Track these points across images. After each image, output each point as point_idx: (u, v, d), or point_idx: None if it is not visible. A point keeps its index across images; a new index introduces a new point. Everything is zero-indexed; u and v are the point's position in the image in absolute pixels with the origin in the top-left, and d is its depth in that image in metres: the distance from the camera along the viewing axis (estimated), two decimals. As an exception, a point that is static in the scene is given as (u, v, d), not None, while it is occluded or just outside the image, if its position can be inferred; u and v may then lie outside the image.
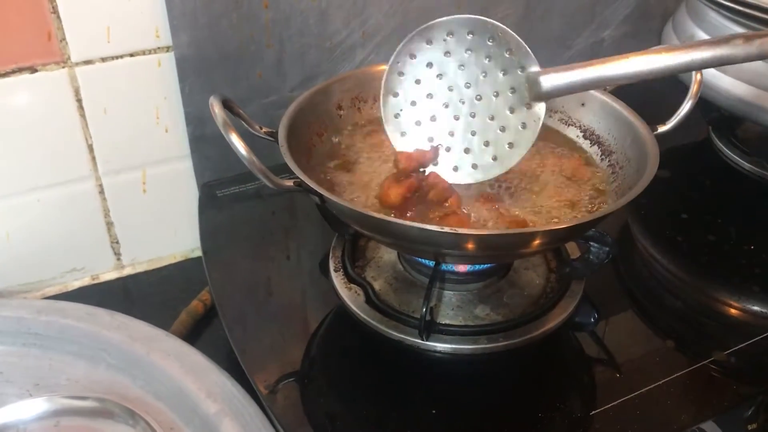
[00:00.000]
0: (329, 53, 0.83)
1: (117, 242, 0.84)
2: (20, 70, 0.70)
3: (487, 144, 0.64)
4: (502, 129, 0.63)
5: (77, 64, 0.72)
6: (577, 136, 0.70)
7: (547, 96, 0.60)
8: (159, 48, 0.75)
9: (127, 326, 0.66)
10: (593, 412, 0.57)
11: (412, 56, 0.63)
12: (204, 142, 0.81)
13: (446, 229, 0.50)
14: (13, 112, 0.71)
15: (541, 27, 0.96)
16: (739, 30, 0.79)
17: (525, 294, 0.66)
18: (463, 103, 0.63)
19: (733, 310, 0.71)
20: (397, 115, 0.65)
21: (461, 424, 0.58)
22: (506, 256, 0.63)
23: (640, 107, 0.66)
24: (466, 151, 0.64)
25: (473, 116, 0.64)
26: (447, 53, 0.63)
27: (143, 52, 0.74)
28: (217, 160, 0.82)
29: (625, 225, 0.82)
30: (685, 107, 0.64)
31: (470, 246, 0.54)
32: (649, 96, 0.56)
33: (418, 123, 0.65)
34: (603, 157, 0.68)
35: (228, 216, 0.81)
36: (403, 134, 0.65)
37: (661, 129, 0.64)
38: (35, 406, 0.58)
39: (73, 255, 0.82)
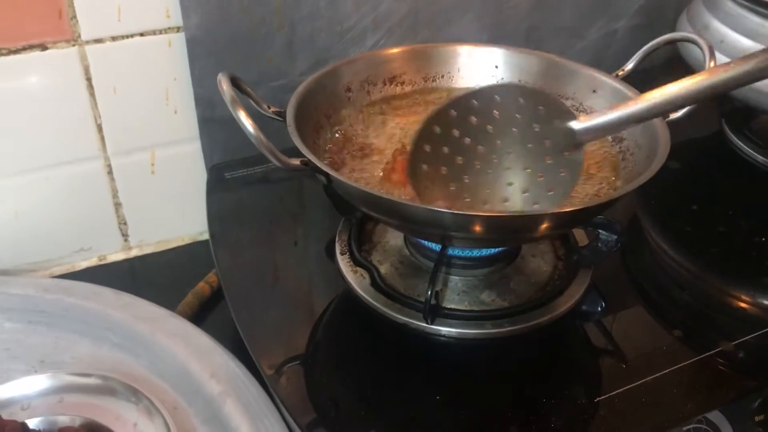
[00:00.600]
0: (340, 38, 0.82)
1: (125, 223, 0.84)
2: (30, 48, 0.69)
3: (525, 191, 0.59)
4: (540, 176, 0.59)
5: (87, 42, 0.71)
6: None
7: (584, 141, 0.58)
8: (169, 28, 0.75)
9: (132, 306, 0.67)
10: (597, 399, 0.57)
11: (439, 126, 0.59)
12: (213, 124, 0.80)
13: (454, 211, 0.50)
14: (23, 90, 0.71)
15: (552, 17, 0.95)
16: (757, 20, 0.78)
17: (532, 281, 0.65)
18: (495, 158, 0.60)
19: (741, 303, 0.70)
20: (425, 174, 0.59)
21: (465, 407, 0.57)
22: (513, 239, 0.62)
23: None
24: (505, 201, 0.60)
25: (508, 169, 0.60)
26: (473, 117, 0.60)
27: (153, 32, 0.74)
28: (226, 142, 0.82)
29: (633, 216, 0.82)
30: (699, 94, 0.63)
31: (477, 228, 0.53)
32: (661, 82, 0.56)
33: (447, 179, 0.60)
34: (613, 143, 0.67)
35: (236, 199, 0.81)
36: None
37: (673, 116, 0.63)
38: (39, 382, 0.59)
39: (80, 235, 0.82)
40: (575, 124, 0.57)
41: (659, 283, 0.73)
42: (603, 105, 0.69)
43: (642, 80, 0.68)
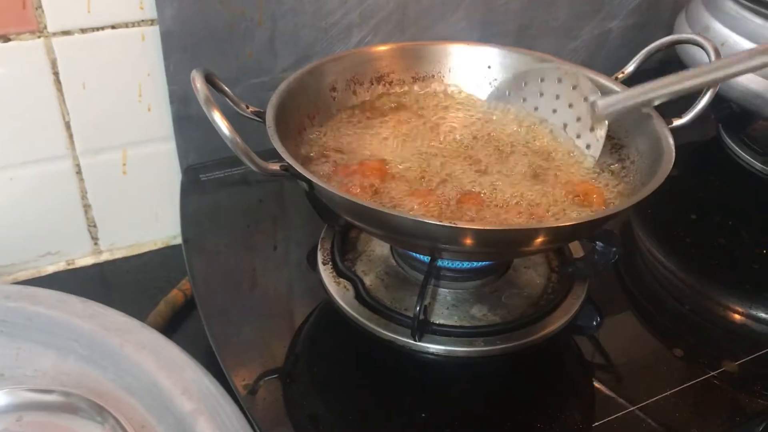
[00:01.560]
0: (324, 33, 0.79)
1: (94, 226, 0.80)
2: (-8, 39, 0.65)
3: None
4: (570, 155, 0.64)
5: (54, 34, 0.68)
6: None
7: (607, 117, 0.63)
8: (143, 21, 0.71)
9: (100, 315, 0.63)
10: (595, 424, 0.54)
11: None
12: (188, 122, 0.77)
13: (444, 223, 0.46)
14: (-16, 84, 0.67)
15: (545, 15, 0.92)
16: (759, 21, 0.75)
17: (524, 294, 0.62)
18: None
19: (744, 318, 0.67)
20: None
21: (453, 431, 0.54)
22: (507, 253, 0.59)
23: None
24: None
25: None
26: (524, 99, 0.68)
27: (126, 25, 0.70)
28: (202, 142, 0.78)
29: (627, 226, 0.79)
30: (704, 98, 0.60)
31: (469, 241, 0.50)
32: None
33: None
34: (612, 151, 0.64)
35: (212, 202, 0.77)
36: None
37: (677, 122, 0.60)
38: None
39: (47, 238, 0.78)
40: (601, 102, 0.63)
41: (657, 297, 0.70)
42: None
43: (640, 82, 0.65)
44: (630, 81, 0.67)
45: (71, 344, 0.61)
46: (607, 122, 0.62)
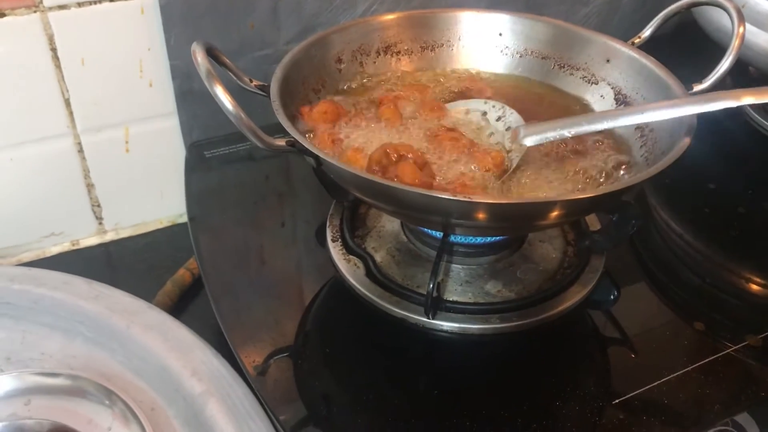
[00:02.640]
0: (329, 3, 0.77)
1: (98, 205, 0.78)
2: (-14, 15, 0.64)
3: None
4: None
5: (51, 8, 0.66)
6: (602, 97, 0.64)
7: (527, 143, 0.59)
8: (142, -7, 0.69)
9: (106, 296, 0.62)
10: (615, 401, 0.52)
11: None
12: (191, 98, 0.75)
13: (457, 197, 0.45)
14: (-20, 62, 0.65)
15: (557, -20, 0.89)
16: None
17: (540, 269, 0.61)
18: None
19: (767, 290, 0.65)
20: None
21: (468, 410, 0.52)
22: (522, 228, 0.57)
23: (673, 64, 0.60)
24: None
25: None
26: None
27: (124, -3, 0.68)
28: (206, 118, 0.77)
29: (641, 196, 0.77)
30: (725, 64, 0.58)
31: (482, 216, 0.48)
32: (682, 51, 0.51)
33: None
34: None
35: (217, 179, 0.76)
36: None
37: (698, 88, 0.58)
38: (4, 383, 0.55)
39: (51, 219, 0.77)
40: (520, 132, 0.59)
41: (675, 270, 0.68)
42: (618, 77, 0.64)
43: (653, 48, 0.63)
44: (646, 46, 0.65)
45: (77, 326, 0.60)
46: (525, 147, 0.58)
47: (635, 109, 0.55)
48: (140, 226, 0.82)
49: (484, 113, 0.62)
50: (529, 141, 0.57)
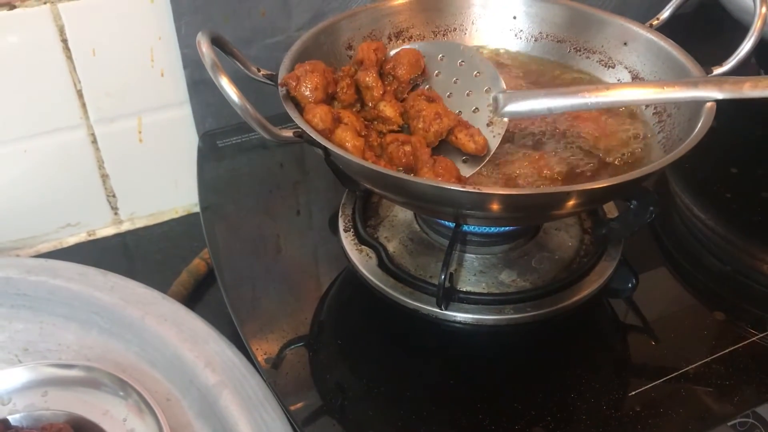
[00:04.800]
0: (340, -12, 0.76)
1: (113, 196, 0.78)
2: (-3, 7, 0.63)
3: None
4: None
5: (60, -1, 0.65)
6: (619, 80, 0.63)
7: (509, 116, 0.57)
8: (151, -18, 0.68)
9: (121, 287, 0.63)
10: (632, 393, 0.51)
11: None
12: (204, 86, 0.74)
13: (467, 188, 0.44)
14: (-8, 55, 0.65)
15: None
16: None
17: (556, 258, 0.60)
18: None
19: (791, 277, 0.64)
20: None
21: (482, 402, 0.52)
22: (537, 217, 0.56)
23: (692, 46, 0.59)
24: None
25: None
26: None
27: (133, -13, 0.68)
28: (219, 106, 0.76)
29: (662, 181, 0.75)
30: (746, 45, 0.56)
31: (496, 207, 0.47)
32: (704, 32, 0.49)
33: None
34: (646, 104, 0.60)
35: (230, 168, 0.75)
36: None
37: (718, 71, 0.56)
38: (21, 375, 0.55)
39: (67, 210, 0.77)
40: (505, 100, 0.56)
41: (697, 256, 0.67)
42: (635, 60, 0.62)
43: (674, 28, 0.61)
44: (666, 26, 0.63)
45: (93, 317, 0.61)
46: (507, 121, 0.57)
47: (641, 85, 0.54)
48: (155, 216, 0.82)
49: (462, 62, 0.60)
50: (511, 112, 0.56)
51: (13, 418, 0.52)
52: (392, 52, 0.60)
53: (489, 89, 0.58)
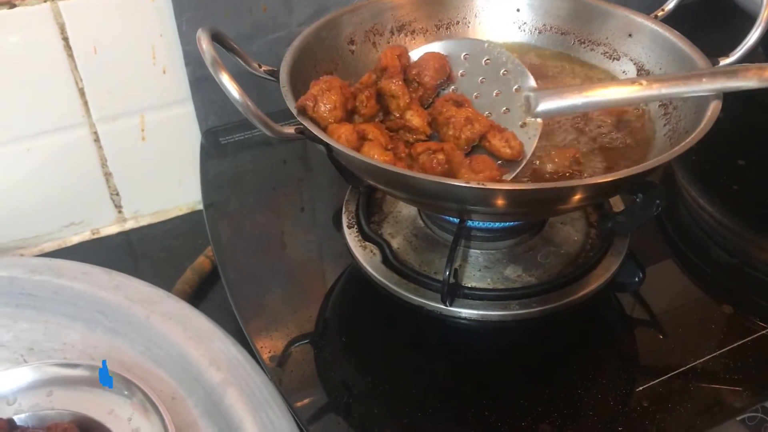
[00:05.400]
0: (342, -18, 0.75)
1: (117, 194, 0.78)
2: (-4, 6, 0.63)
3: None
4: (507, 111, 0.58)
5: (61, -2, 0.65)
6: (624, 72, 0.62)
7: (542, 116, 0.55)
8: (151, -22, 0.68)
9: (125, 286, 0.63)
10: (639, 389, 0.51)
11: None
12: (206, 83, 0.74)
13: (471, 184, 0.43)
14: (-8, 53, 0.65)
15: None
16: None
17: (561, 252, 0.59)
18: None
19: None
20: None
21: (489, 398, 0.52)
22: (542, 212, 0.56)
23: (698, 37, 0.58)
24: None
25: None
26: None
27: (134, -16, 0.67)
28: (221, 103, 0.76)
29: (669, 173, 0.74)
30: (753, 36, 0.55)
31: (500, 202, 0.47)
32: (707, 23, 0.48)
33: None
34: (653, 96, 0.59)
35: (233, 166, 0.75)
36: None
37: (724, 62, 0.55)
38: (26, 375, 0.55)
39: (70, 208, 0.77)
40: (538, 98, 0.54)
41: (705, 249, 0.66)
42: (640, 52, 0.61)
43: (681, 18, 0.60)
44: (673, 15, 0.62)
45: (98, 316, 0.60)
46: (541, 122, 0.55)
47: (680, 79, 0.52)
48: (160, 214, 0.82)
49: (487, 60, 0.59)
50: (545, 111, 0.53)
51: (19, 418, 0.52)
52: (412, 53, 0.60)
53: (519, 88, 0.57)
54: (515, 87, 0.57)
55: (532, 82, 0.56)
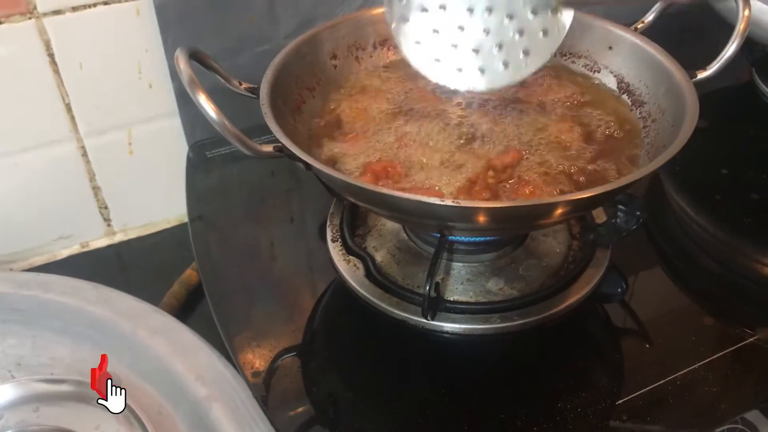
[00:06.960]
0: (325, -6, 0.75)
1: (105, 207, 0.79)
2: (-20, 24, 0.63)
3: (500, 47, 0.56)
4: (520, 32, 0.56)
5: (45, 14, 0.65)
6: (604, 85, 0.62)
7: (576, 3, 0.54)
8: (136, -6, 0.68)
9: (112, 300, 0.63)
10: (619, 402, 0.51)
11: None
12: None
13: (448, 202, 0.43)
14: (-21, 71, 0.65)
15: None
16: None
17: (543, 264, 0.59)
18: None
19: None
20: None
21: (472, 412, 0.52)
22: (522, 228, 0.56)
23: (676, 50, 0.58)
24: (475, 50, 0.56)
25: (489, 12, 0.56)
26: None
27: (118, 0, 0.67)
28: (208, 117, 0.75)
29: (656, 181, 0.74)
30: (730, 48, 0.56)
31: (480, 219, 0.47)
32: (685, 36, 0.48)
33: (424, 9, 0.57)
34: (633, 108, 0.60)
35: (218, 180, 0.75)
36: (406, 22, 0.58)
37: (702, 75, 0.56)
38: (11, 391, 0.55)
39: (59, 222, 0.77)
40: None
41: (687, 258, 0.67)
42: (620, 64, 0.61)
43: (663, 28, 0.61)
44: (657, 26, 0.63)
45: (86, 331, 0.60)
46: (572, 11, 0.54)
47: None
48: (148, 227, 0.82)
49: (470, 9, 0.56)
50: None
51: (5, 435, 0.52)
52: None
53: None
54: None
55: None
